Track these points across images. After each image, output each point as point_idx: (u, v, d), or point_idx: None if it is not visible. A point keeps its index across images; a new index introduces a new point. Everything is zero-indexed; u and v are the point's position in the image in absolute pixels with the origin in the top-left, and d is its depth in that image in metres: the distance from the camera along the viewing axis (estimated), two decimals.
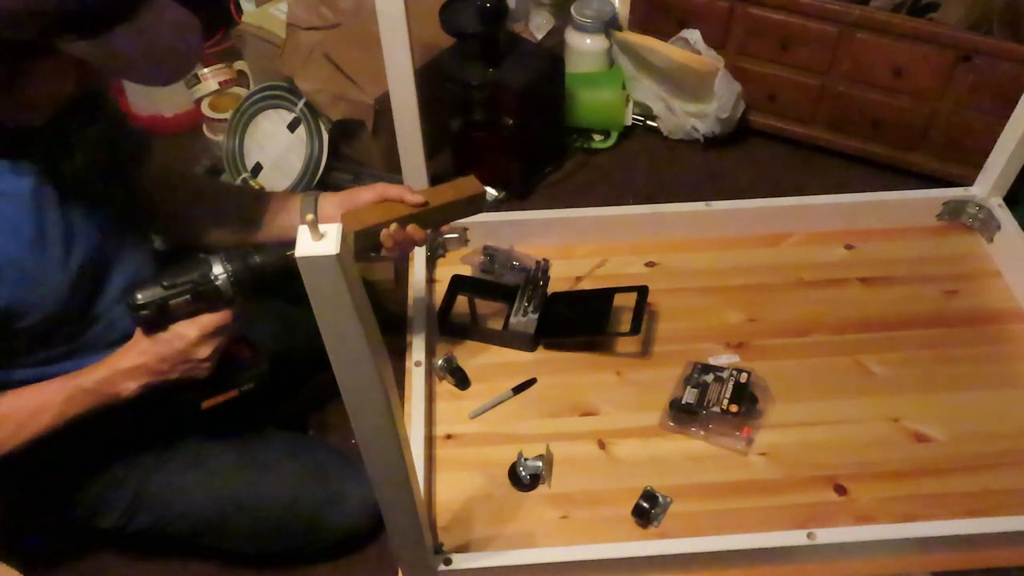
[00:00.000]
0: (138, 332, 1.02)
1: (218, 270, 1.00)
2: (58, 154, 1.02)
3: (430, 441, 1.17)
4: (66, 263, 1.01)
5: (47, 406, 1.01)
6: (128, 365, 1.02)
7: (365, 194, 1.17)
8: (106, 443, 1.13)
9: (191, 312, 1.01)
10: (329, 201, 1.19)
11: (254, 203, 1.24)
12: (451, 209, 1.18)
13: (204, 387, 1.08)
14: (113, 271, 1.11)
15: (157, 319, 1.00)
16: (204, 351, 1.03)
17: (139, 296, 0.99)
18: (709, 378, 1.20)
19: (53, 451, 1.04)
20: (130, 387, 1.03)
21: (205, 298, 1.00)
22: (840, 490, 1.12)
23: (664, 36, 1.89)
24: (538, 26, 2.15)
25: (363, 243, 1.13)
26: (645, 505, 1.08)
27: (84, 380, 1.02)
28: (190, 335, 1.01)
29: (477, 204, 1.20)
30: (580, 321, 1.30)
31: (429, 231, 1.16)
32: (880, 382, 1.24)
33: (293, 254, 0.63)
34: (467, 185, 1.20)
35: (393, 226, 1.11)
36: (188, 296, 1.00)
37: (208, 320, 1.02)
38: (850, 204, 1.45)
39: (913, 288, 1.37)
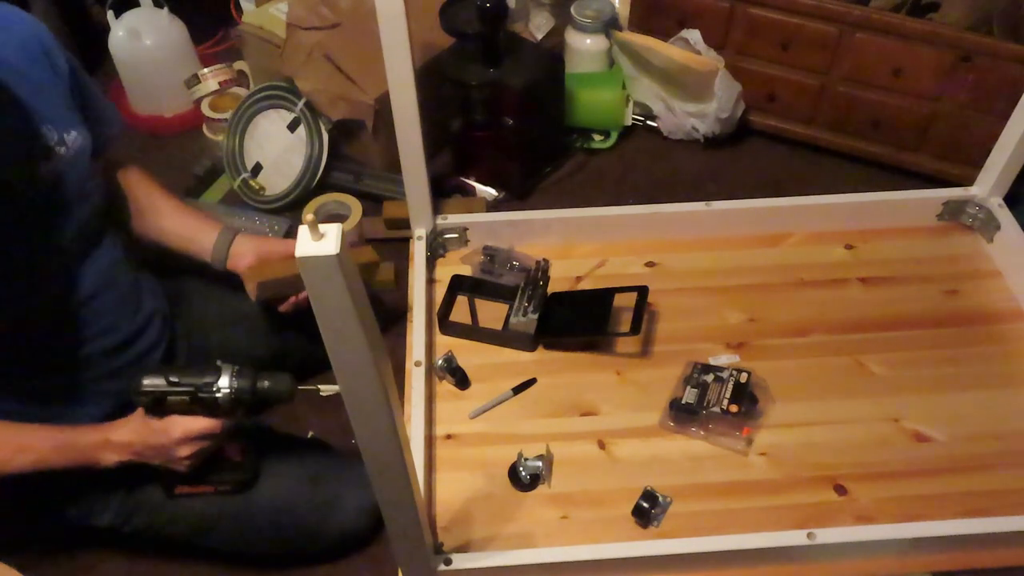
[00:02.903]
0: (140, 410, 1.06)
1: (223, 383, 1.03)
2: (36, 156, 1.02)
3: (430, 441, 1.17)
4: (46, 255, 1.02)
5: (32, 447, 1.03)
6: (119, 439, 1.06)
7: (277, 245, 1.26)
8: None
9: (187, 411, 1.04)
10: (243, 241, 1.25)
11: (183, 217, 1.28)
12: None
13: (182, 475, 1.12)
14: (87, 260, 1.11)
15: (154, 408, 1.04)
16: (184, 451, 1.06)
17: (144, 382, 1.03)
18: (709, 378, 1.20)
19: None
20: (112, 459, 1.06)
21: (202, 404, 1.04)
22: (840, 490, 1.12)
23: (664, 36, 1.89)
24: (538, 26, 2.15)
25: (266, 293, 1.24)
26: (645, 505, 1.08)
27: (77, 437, 1.05)
28: (174, 434, 1.04)
29: (373, 272, 1.32)
30: (580, 321, 1.30)
31: None
32: (880, 382, 1.24)
33: (304, 388, 0.64)
34: (364, 253, 1.36)
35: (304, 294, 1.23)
36: (186, 398, 1.03)
37: (197, 426, 1.05)
38: (850, 204, 1.45)
39: (913, 288, 1.37)
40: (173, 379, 1.03)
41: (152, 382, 1.03)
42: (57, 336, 1.10)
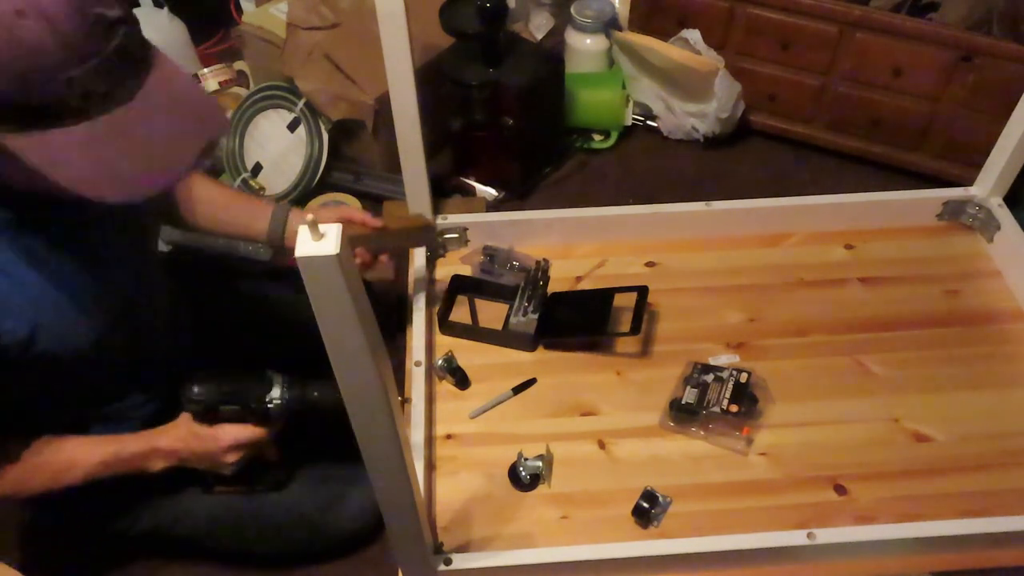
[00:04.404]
0: (186, 416, 1.06)
1: (275, 394, 1.05)
2: None
3: (430, 441, 1.17)
4: (110, 293, 1.00)
5: (81, 463, 1.03)
6: (164, 446, 1.06)
7: (329, 214, 1.26)
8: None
9: (238, 419, 1.06)
10: (297, 215, 1.25)
11: (233, 203, 1.27)
12: (403, 235, 1.31)
13: (223, 477, 1.14)
14: (145, 292, 1.09)
15: (204, 416, 1.05)
16: (231, 457, 1.07)
17: (195, 390, 1.04)
18: (709, 378, 1.20)
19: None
20: (159, 464, 1.07)
21: (253, 414, 1.05)
22: (840, 490, 1.12)
23: (664, 36, 1.89)
24: (538, 26, 2.15)
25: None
26: (645, 505, 1.08)
27: (123, 449, 1.05)
28: (223, 442, 1.05)
29: (428, 234, 1.34)
30: (580, 321, 1.30)
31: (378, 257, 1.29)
32: (880, 382, 1.24)
33: None
34: (417, 219, 1.36)
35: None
36: (238, 407, 1.05)
37: (245, 434, 1.06)
38: (850, 204, 1.45)
39: (913, 288, 1.37)
40: (225, 389, 1.04)
41: (204, 391, 1.03)
42: (125, 351, 1.07)
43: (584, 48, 2.02)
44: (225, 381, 1.04)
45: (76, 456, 1.03)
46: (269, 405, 1.05)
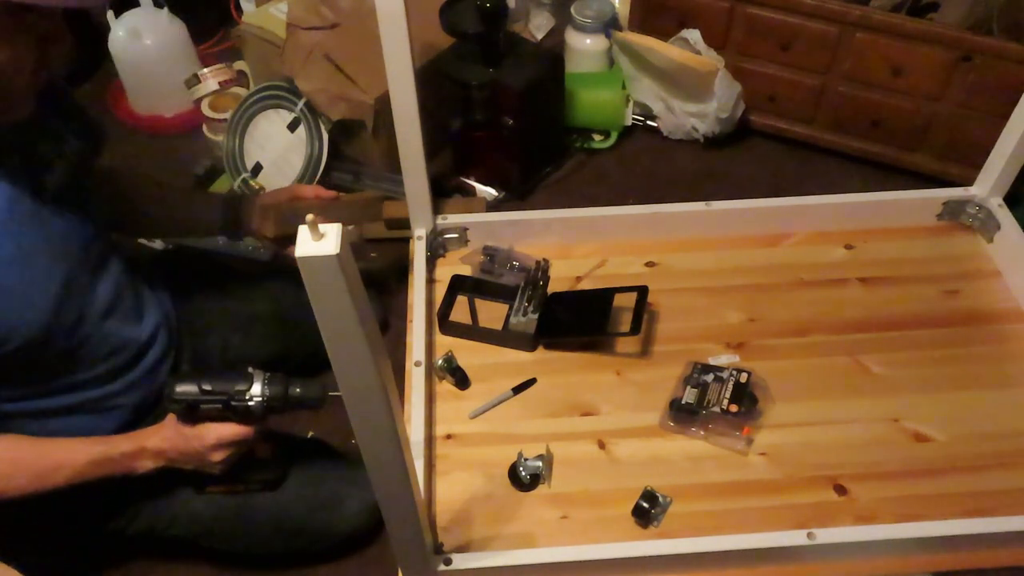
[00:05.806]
0: (172, 416, 1.07)
1: (256, 391, 1.05)
2: (38, 168, 1.00)
3: (430, 441, 1.17)
4: (49, 280, 1.00)
5: (68, 464, 1.03)
6: (152, 446, 1.07)
7: (282, 194, 1.32)
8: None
9: (220, 418, 1.06)
10: (251, 201, 1.31)
11: (183, 202, 1.36)
12: (356, 207, 1.38)
13: (214, 476, 1.14)
14: (98, 282, 1.10)
15: (186, 415, 1.05)
16: (217, 456, 1.07)
17: (176, 389, 1.04)
18: (709, 378, 1.20)
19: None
20: (147, 465, 1.08)
21: (235, 412, 1.05)
22: (840, 490, 1.12)
23: (664, 36, 1.89)
24: (538, 26, 2.15)
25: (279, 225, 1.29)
26: (645, 505, 1.08)
27: (110, 449, 1.05)
28: (207, 440, 1.05)
29: (376, 208, 1.39)
30: (580, 321, 1.30)
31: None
32: (880, 382, 1.24)
33: (334, 394, 0.66)
34: (370, 196, 1.43)
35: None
36: (219, 405, 1.05)
37: (229, 432, 1.06)
38: (850, 204, 1.45)
39: (913, 288, 1.37)
40: (206, 387, 1.04)
41: (185, 389, 1.04)
42: (72, 360, 1.09)
43: (584, 48, 2.02)
44: (205, 379, 1.04)
45: (62, 456, 1.03)
46: (250, 402, 1.04)
